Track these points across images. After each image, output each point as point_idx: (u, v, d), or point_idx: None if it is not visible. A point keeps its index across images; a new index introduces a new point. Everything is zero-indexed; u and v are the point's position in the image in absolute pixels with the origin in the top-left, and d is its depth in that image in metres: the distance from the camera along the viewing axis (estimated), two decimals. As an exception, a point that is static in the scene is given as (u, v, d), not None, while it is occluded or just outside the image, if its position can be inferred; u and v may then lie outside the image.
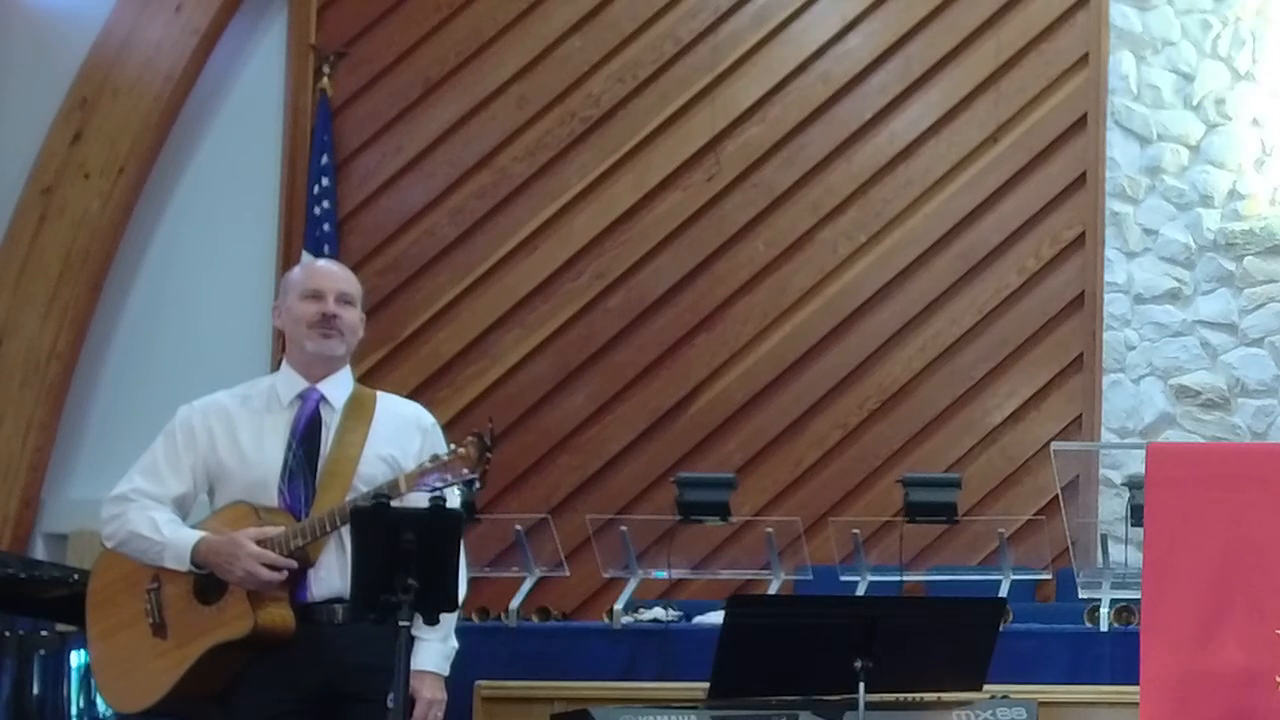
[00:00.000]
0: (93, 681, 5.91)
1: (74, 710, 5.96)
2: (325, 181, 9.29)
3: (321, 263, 5.48)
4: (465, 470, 4.88)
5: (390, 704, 4.52)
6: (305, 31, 9.46)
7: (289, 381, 5.15)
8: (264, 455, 5.05)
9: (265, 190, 9.46)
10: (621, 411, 9.14)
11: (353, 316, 5.18)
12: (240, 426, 5.11)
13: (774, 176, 9.17)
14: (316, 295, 5.14)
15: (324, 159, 9.31)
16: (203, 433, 5.13)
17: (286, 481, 5.02)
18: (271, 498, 5.01)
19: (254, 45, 9.53)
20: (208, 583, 5.01)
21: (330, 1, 9.48)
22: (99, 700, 5.97)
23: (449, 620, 4.97)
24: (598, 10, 9.31)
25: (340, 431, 5.08)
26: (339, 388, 5.16)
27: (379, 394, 5.24)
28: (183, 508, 5.13)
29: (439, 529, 4.56)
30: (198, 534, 4.99)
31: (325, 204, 9.28)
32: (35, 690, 5.86)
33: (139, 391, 9.44)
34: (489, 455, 4.86)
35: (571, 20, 9.31)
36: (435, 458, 4.91)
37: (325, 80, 9.39)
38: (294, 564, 4.89)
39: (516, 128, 9.33)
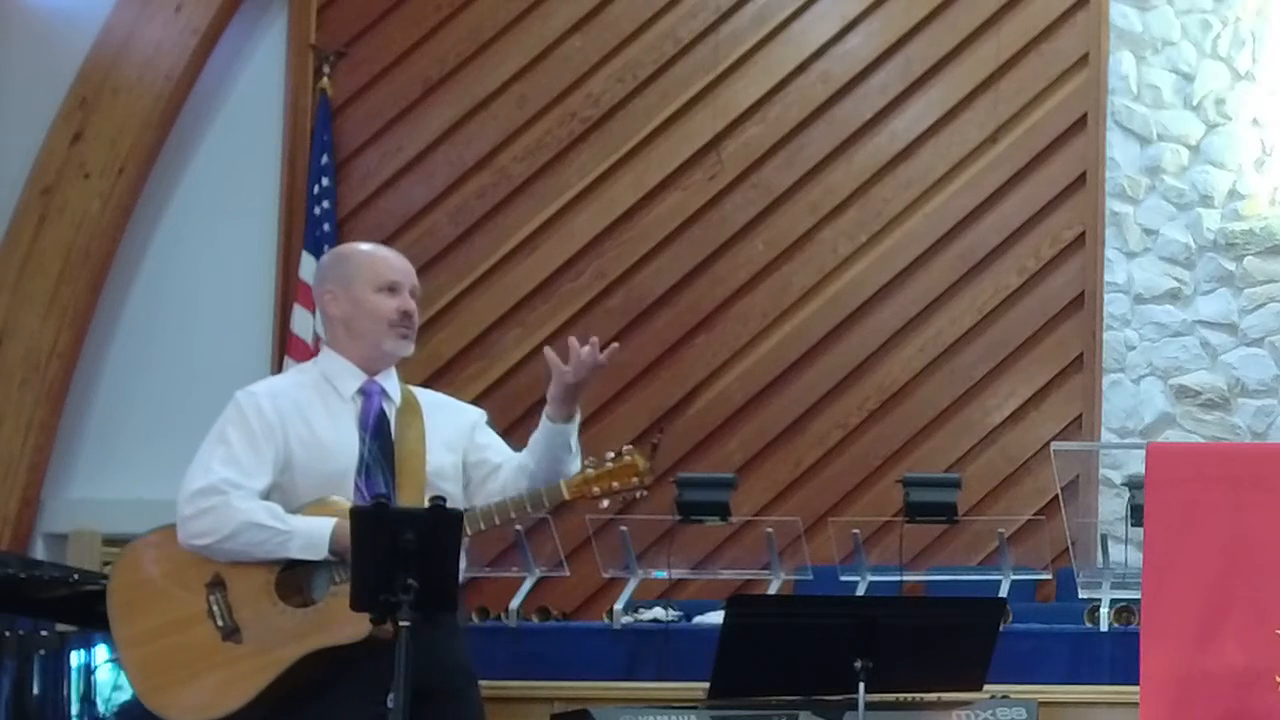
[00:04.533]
0: (94, 681, 5.91)
1: (74, 710, 5.95)
2: (325, 181, 9.29)
3: (388, 251, 5.20)
4: (634, 480, 4.83)
5: (390, 704, 4.50)
6: (305, 31, 9.46)
7: (346, 373, 4.98)
8: (341, 449, 4.88)
9: (265, 190, 9.46)
10: (621, 411, 9.14)
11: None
12: (311, 418, 4.91)
13: (774, 176, 9.17)
14: (393, 289, 5.00)
15: (324, 159, 9.31)
16: (277, 422, 4.90)
17: (364, 477, 4.87)
18: (346, 493, 4.85)
19: (254, 45, 9.53)
20: (292, 582, 4.83)
21: (330, 1, 9.48)
22: (99, 700, 5.96)
23: None
24: (598, 10, 9.31)
25: (401, 426, 4.95)
26: (394, 382, 5.05)
27: (420, 393, 5.14)
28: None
29: (439, 529, 4.56)
30: (331, 519, 4.77)
31: (325, 204, 9.28)
32: (35, 690, 5.85)
33: (139, 391, 9.44)
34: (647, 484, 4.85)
35: (571, 20, 9.31)
36: (599, 463, 4.84)
37: (325, 80, 9.39)
38: None
39: (516, 128, 9.33)
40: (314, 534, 4.80)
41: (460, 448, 5.05)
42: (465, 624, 5.19)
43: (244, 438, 4.93)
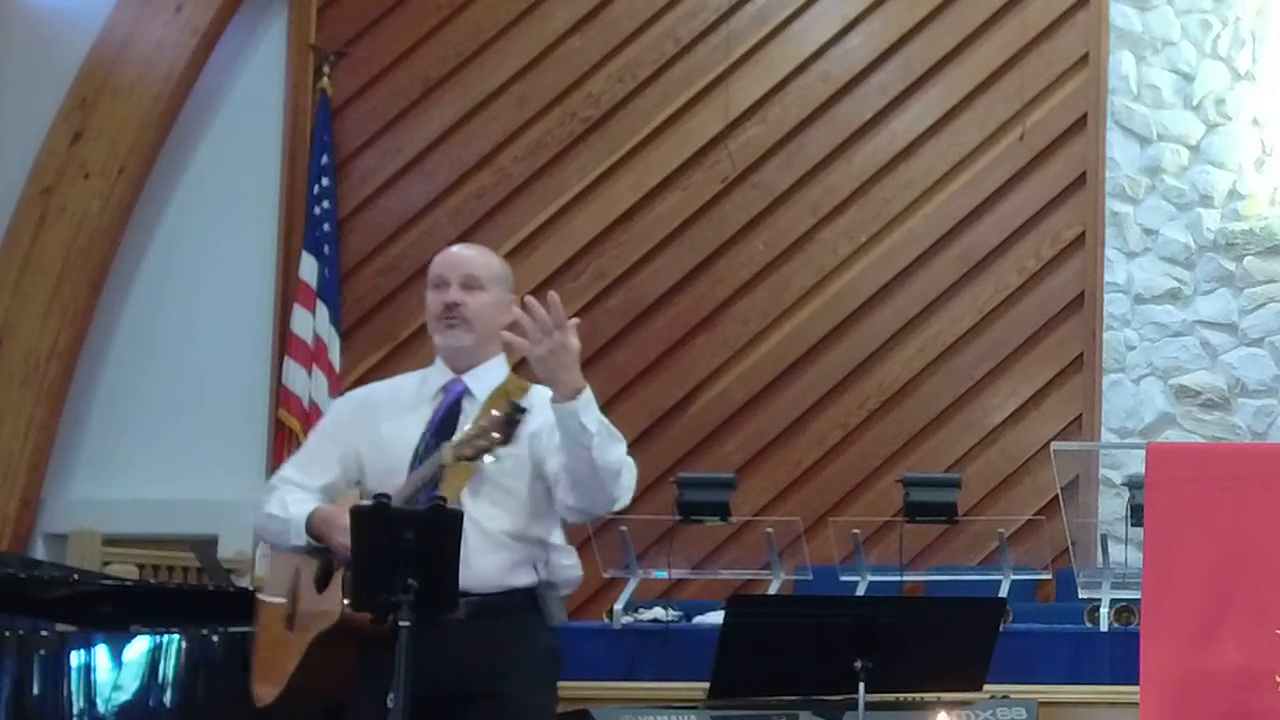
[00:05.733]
0: (94, 681, 5.91)
1: (74, 710, 5.94)
2: (325, 181, 9.30)
3: (455, 248, 5.16)
4: (504, 409, 4.66)
5: (390, 704, 4.49)
6: (305, 31, 9.46)
7: (438, 373, 4.98)
8: (400, 445, 4.88)
9: (265, 190, 9.46)
10: (621, 411, 9.12)
11: (481, 301, 4.96)
12: (383, 416, 4.94)
13: (774, 176, 9.18)
14: (440, 284, 4.96)
15: (324, 159, 9.31)
16: (349, 422, 4.99)
17: (416, 472, 4.85)
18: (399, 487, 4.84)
19: (254, 45, 9.53)
20: (324, 569, 4.87)
21: (330, 1, 9.48)
22: (99, 700, 5.96)
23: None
24: (598, 10, 9.31)
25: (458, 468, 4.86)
26: (486, 378, 4.92)
27: (534, 386, 4.93)
28: (331, 497, 4.92)
29: (439, 529, 4.55)
30: (310, 507, 4.85)
31: (325, 204, 9.28)
32: (35, 690, 5.84)
33: (139, 392, 9.45)
34: (518, 420, 4.66)
35: (571, 20, 9.32)
36: (471, 426, 4.74)
37: (325, 80, 9.39)
38: None
39: (516, 128, 9.33)
40: (299, 521, 4.87)
41: (530, 441, 4.89)
42: (560, 623, 4.96)
43: (317, 438, 5.07)
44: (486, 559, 4.82)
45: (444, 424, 4.91)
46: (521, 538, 4.89)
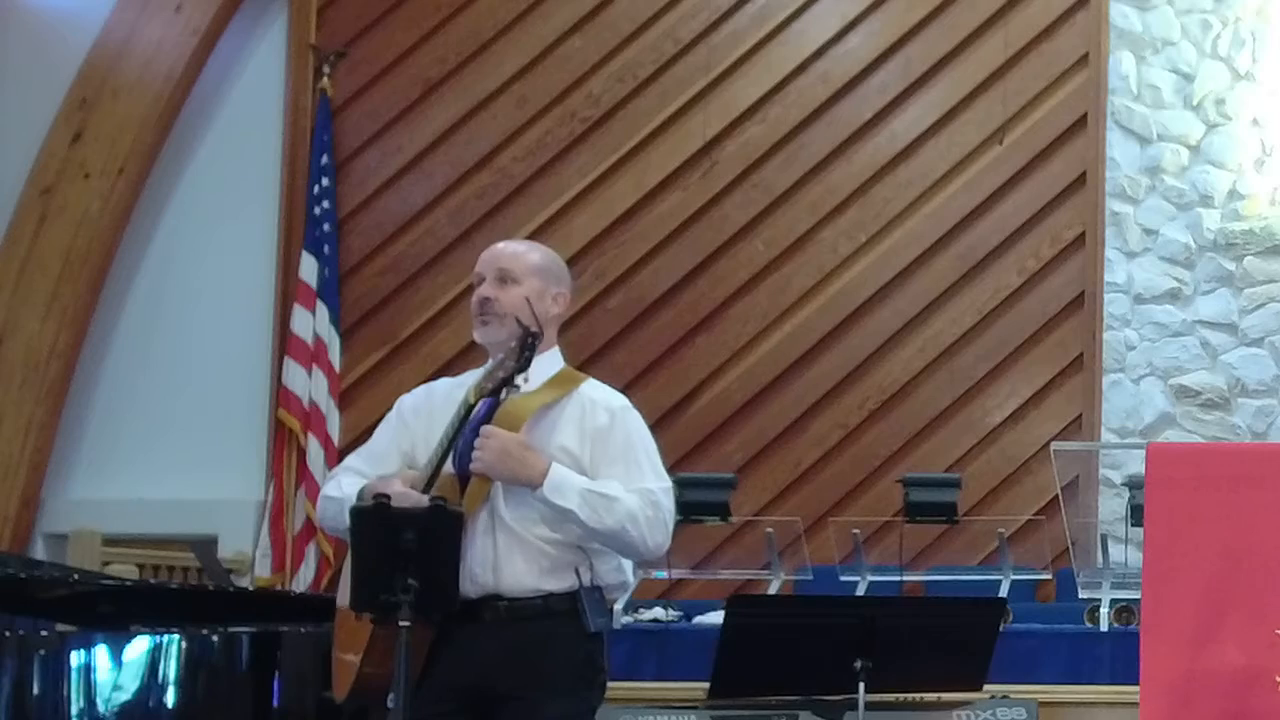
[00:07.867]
0: (94, 681, 5.91)
1: (74, 710, 5.94)
2: (325, 181, 9.30)
3: (498, 243, 5.10)
4: (511, 365, 4.70)
5: (390, 704, 4.49)
6: (305, 31, 9.46)
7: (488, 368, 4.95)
8: (434, 441, 4.84)
9: (265, 190, 9.46)
10: (621, 411, 9.13)
11: (513, 295, 4.87)
12: (439, 409, 4.90)
13: (774, 176, 9.18)
14: (477, 280, 4.94)
15: (324, 159, 9.32)
16: (410, 413, 4.97)
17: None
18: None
19: (254, 45, 9.53)
20: None
21: (330, 1, 9.48)
22: (99, 700, 5.96)
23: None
24: (598, 10, 9.32)
25: (495, 419, 4.83)
26: (533, 373, 4.85)
27: (585, 383, 4.94)
28: None
29: (439, 529, 4.55)
30: (364, 482, 4.84)
31: (325, 204, 9.28)
32: (35, 690, 5.84)
33: (138, 391, 9.45)
34: (530, 343, 4.65)
35: (571, 20, 9.32)
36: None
37: (325, 80, 9.39)
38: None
39: (516, 128, 9.33)
40: (350, 500, 4.81)
41: (569, 447, 4.86)
42: (605, 628, 4.88)
43: (384, 429, 5.03)
44: (518, 563, 4.77)
45: (461, 420, 4.86)
46: (557, 542, 4.78)
